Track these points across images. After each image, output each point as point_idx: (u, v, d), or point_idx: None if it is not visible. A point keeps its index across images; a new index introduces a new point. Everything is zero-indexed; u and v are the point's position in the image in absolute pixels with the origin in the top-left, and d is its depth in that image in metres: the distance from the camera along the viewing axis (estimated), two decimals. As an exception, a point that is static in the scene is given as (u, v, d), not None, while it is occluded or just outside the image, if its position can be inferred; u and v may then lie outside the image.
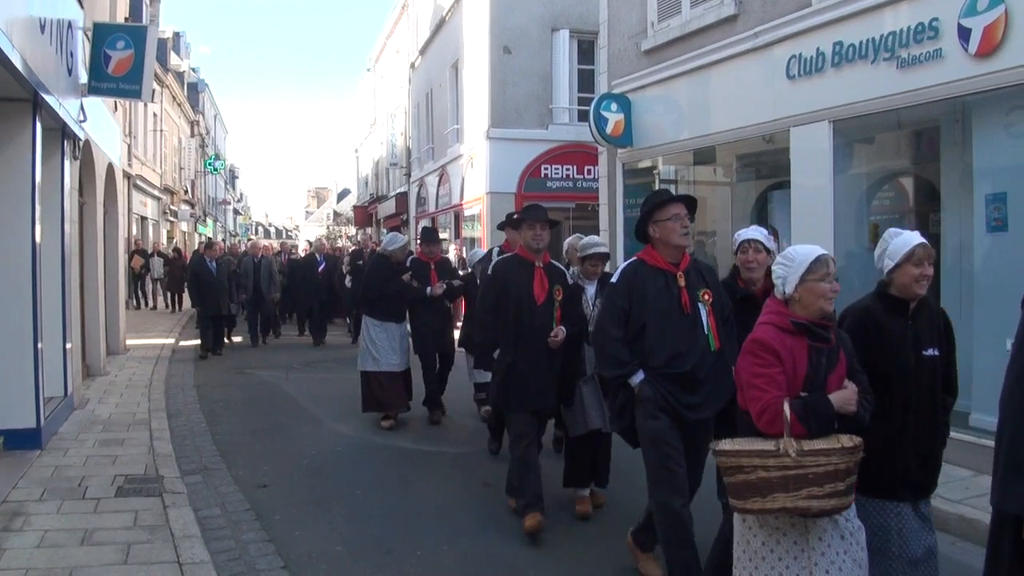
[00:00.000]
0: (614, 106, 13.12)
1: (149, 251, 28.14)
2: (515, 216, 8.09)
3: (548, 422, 7.44)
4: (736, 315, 5.29)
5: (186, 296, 24.28)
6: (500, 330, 6.55)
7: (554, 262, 6.86)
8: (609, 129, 13.08)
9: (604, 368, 5.37)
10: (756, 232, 5.60)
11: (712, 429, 5.12)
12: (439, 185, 26.09)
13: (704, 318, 5.08)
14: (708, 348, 5.04)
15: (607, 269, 7.31)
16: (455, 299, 10.79)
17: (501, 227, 8.75)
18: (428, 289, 10.05)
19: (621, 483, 7.36)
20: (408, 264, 10.43)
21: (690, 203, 5.26)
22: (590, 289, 7.02)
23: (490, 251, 10.14)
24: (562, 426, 7.60)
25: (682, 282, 5.10)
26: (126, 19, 15.99)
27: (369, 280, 10.40)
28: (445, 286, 10.18)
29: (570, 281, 6.85)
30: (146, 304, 27.24)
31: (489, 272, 7.00)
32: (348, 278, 18.17)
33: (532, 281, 6.48)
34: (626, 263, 5.40)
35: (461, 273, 11.68)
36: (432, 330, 10.32)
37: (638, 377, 5.03)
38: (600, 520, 6.68)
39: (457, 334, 11.00)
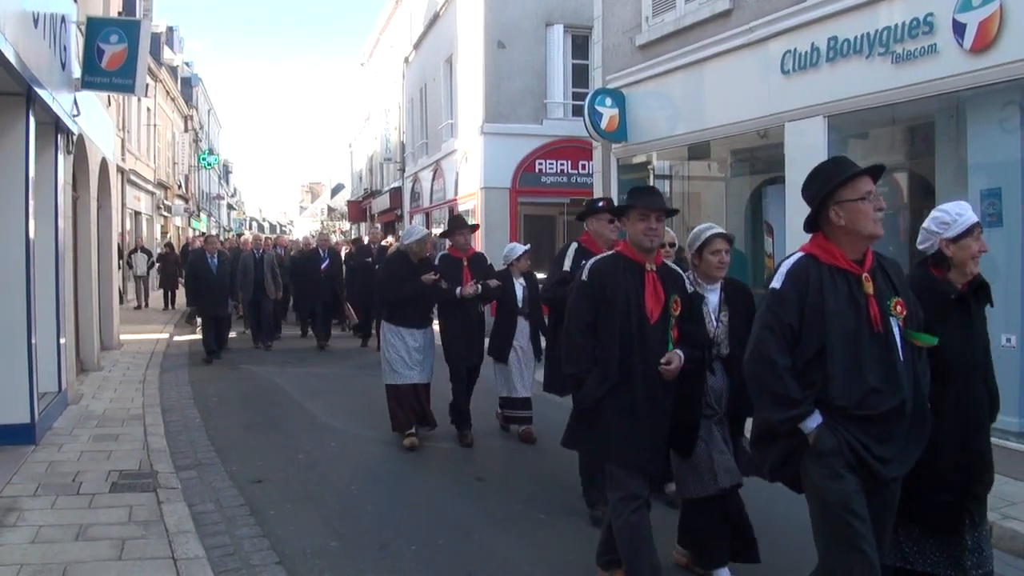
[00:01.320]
0: (608, 101, 13.12)
1: (132, 247, 26.41)
2: (599, 204, 6.95)
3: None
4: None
5: (179, 293, 24.09)
6: (600, 357, 4.86)
7: (669, 263, 5.21)
8: (603, 124, 13.08)
9: (766, 409, 3.89)
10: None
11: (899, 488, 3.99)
12: (433, 180, 26.07)
13: (897, 338, 3.83)
14: (906, 380, 3.79)
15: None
16: (490, 302, 9.33)
17: (581, 217, 7.14)
18: (458, 290, 8.69)
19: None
20: (437, 261, 9.20)
21: (877, 175, 4.00)
22: (712, 298, 5.36)
23: (567, 247, 7.21)
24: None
25: (869, 288, 3.81)
26: (119, 13, 15.92)
27: (385, 281, 8.98)
28: (479, 287, 8.79)
29: (689, 288, 5.15)
30: (123, 301, 24.57)
31: (584, 277, 5.01)
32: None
33: (643, 290, 4.84)
34: (791, 260, 3.99)
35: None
36: (463, 338, 8.96)
37: (814, 421, 3.74)
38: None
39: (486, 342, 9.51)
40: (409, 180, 30.54)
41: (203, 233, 30.85)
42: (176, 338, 18.02)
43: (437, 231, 22.71)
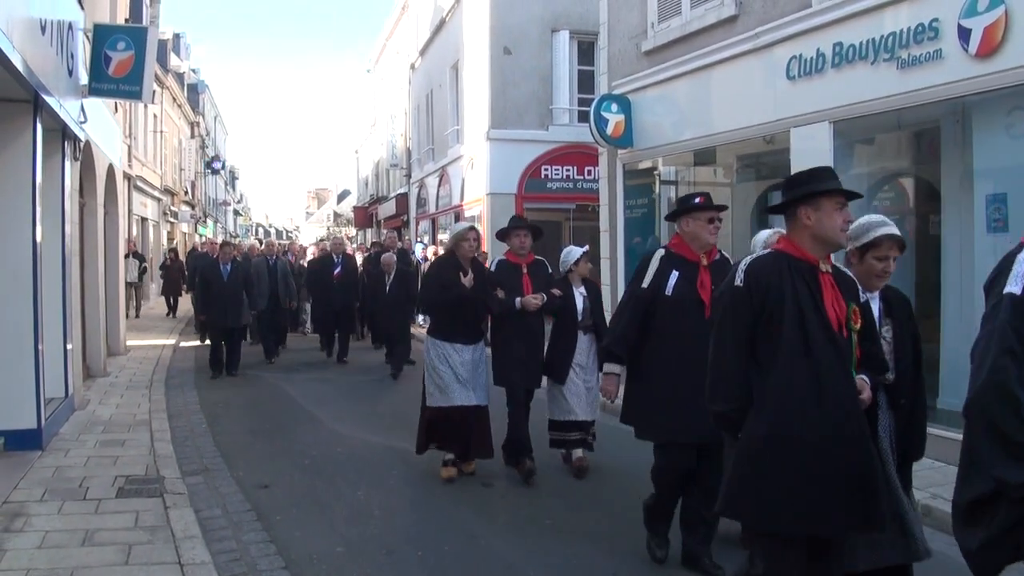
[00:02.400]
0: (614, 107, 13.13)
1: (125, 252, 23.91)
2: (695, 201, 5.66)
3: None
4: None
5: (183, 300, 23.79)
6: (770, 386, 3.65)
7: (837, 265, 4.06)
8: (609, 130, 13.08)
9: (999, 465, 2.81)
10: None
11: None
12: (439, 186, 26.10)
13: None
14: None
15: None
16: (553, 315, 8.11)
17: (672, 217, 5.85)
18: (517, 300, 7.68)
19: (621, 483, 7.37)
20: (493, 267, 8.28)
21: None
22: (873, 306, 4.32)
23: (651, 254, 5.79)
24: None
25: None
26: (126, 20, 15.99)
27: (427, 285, 8.08)
28: (544, 298, 7.79)
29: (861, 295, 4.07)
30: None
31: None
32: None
33: (820, 295, 3.71)
34: None
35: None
36: (522, 357, 7.83)
37: None
38: (602, 519, 6.67)
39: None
40: (415, 186, 30.58)
41: (210, 239, 30.20)
42: (182, 344, 18.02)
43: (443, 236, 22.72)
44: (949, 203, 8.81)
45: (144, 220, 31.04)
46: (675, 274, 5.48)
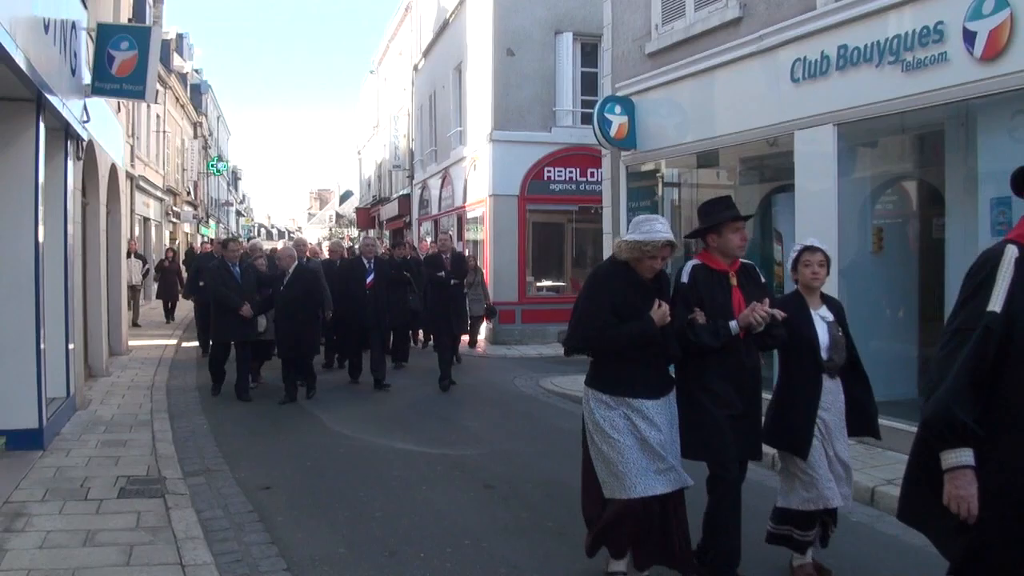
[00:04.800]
0: (618, 109, 13.11)
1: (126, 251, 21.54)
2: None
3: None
4: None
5: (180, 305, 22.98)
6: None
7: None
8: (613, 132, 13.06)
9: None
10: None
11: None
12: (442, 187, 26.09)
13: None
14: None
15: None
16: (772, 347, 5.53)
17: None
18: (733, 324, 5.02)
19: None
20: (685, 278, 5.22)
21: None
22: None
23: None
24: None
25: None
26: (130, 20, 16.01)
27: (590, 314, 5.10)
28: (768, 318, 5.02)
29: None
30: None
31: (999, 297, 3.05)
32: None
33: None
34: None
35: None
36: (727, 411, 5.08)
37: None
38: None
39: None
40: (418, 187, 30.58)
41: (211, 239, 29.35)
42: (184, 344, 18.02)
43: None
44: (953, 206, 8.79)
45: (147, 220, 31.09)
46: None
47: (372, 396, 12.32)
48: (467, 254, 18.66)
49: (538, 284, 21.24)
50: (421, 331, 17.95)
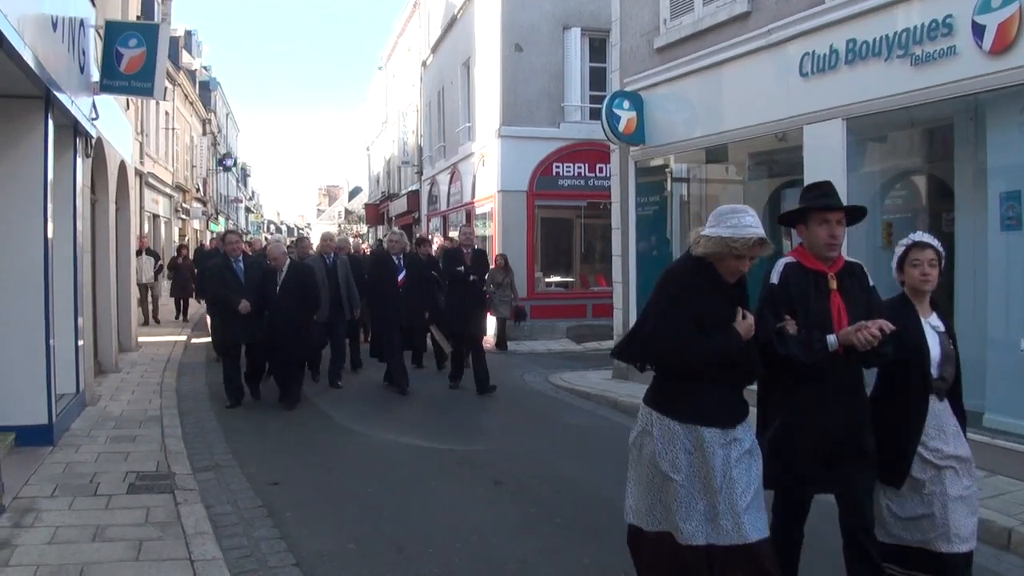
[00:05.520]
0: (626, 104, 13.08)
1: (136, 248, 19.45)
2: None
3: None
4: None
5: (192, 303, 22.85)
6: None
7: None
8: (621, 127, 13.03)
9: None
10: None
11: None
12: (450, 183, 26.10)
13: None
14: None
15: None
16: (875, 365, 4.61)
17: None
18: (831, 339, 4.27)
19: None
20: (776, 278, 4.47)
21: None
22: None
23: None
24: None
25: None
26: (138, 17, 16.03)
27: (665, 321, 4.25)
28: (877, 340, 4.16)
29: None
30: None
31: None
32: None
33: None
34: None
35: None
36: (825, 437, 4.35)
37: None
38: (611, 517, 6.65)
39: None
40: (427, 183, 30.58)
41: (216, 235, 28.81)
42: (194, 340, 18.05)
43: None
44: (962, 201, 8.76)
45: (156, 217, 31.14)
46: None
47: (380, 393, 12.32)
48: (497, 253, 18.51)
49: (547, 280, 21.23)
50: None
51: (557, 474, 7.89)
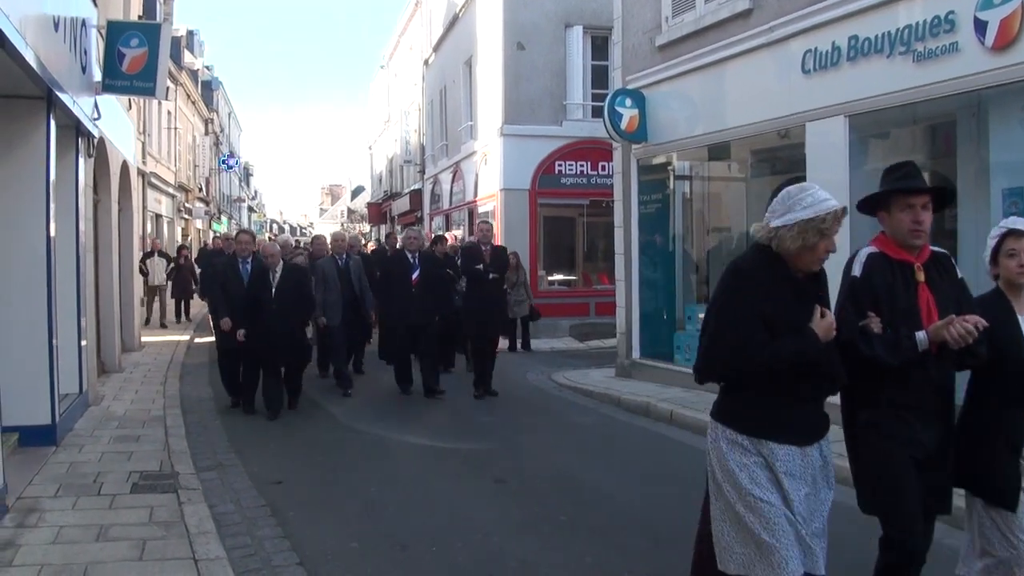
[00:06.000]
0: (628, 102, 13.07)
1: (147, 249, 21.53)
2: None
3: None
4: None
5: (195, 304, 22.78)
6: None
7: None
8: (624, 125, 13.02)
9: None
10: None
11: None
12: (453, 182, 26.10)
13: None
14: None
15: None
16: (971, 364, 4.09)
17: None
18: (920, 336, 3.81)
19: (633, 479, 7.34)
20: (860, 270, 4.00)
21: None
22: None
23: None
24: None
25: None
26: (140, 17, 16.04)
27: (729, 324, 3.69)
28: (971, 335, 3.72)
29: None
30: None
31: None
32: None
33: None
34: None
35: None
36: (913, 449, 3.90)
37: None
38: (613, 517, 6.65)
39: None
40: (429, 182, 30.59)
41: (220, 235, 28.38)
42: (197, 340, 18.07)
43: (453, 233, 22.62)
44: (965, 197, 8.74)
45: (158, 217, 31.14)
46: None
47: (383, 392, 12.31)
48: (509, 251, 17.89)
49: (550, 278, 21.23)
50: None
51: (560, 473, 7.89)
